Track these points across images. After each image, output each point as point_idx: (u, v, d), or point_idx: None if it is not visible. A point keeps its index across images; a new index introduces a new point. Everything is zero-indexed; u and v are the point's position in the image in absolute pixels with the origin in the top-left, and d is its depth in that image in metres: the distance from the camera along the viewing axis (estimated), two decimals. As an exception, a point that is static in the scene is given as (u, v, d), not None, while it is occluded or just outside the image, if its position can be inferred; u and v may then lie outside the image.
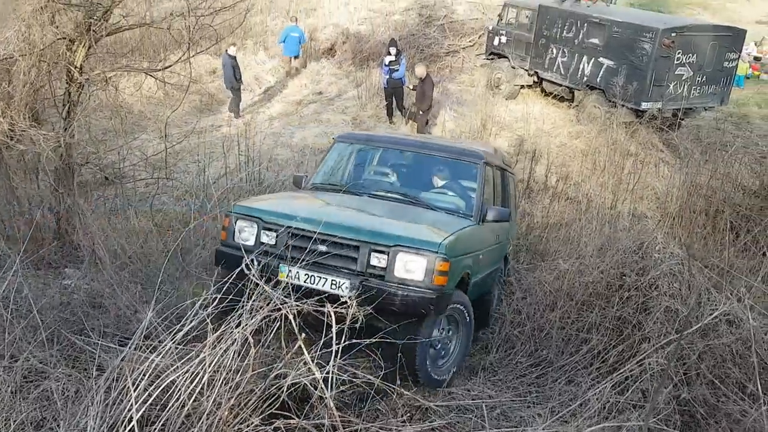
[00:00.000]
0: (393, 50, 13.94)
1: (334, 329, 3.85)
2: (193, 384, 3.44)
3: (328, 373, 3.73)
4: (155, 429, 3.36)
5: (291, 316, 3.85)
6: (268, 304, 3.83)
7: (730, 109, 15.49)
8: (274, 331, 3.86)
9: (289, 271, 4.86)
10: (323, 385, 3.67)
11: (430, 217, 5.67)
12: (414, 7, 21.76)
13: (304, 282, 4.87)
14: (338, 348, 3.80)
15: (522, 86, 16.49)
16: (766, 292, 6.35)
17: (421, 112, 12.93)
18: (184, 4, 7.30)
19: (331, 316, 3.90)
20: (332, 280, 4.85)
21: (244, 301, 3.92)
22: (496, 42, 16.67)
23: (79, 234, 6.72)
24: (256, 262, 4.22)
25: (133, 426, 3.16)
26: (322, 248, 4.87)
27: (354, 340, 4.04)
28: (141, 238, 6.94)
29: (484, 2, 21.99)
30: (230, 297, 4.07)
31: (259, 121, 14.83)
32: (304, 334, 3.82)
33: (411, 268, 4.84)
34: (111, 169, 9.15)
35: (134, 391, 3.25)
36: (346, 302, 4.10)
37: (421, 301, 4.76)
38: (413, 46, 18.82)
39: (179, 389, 3.43)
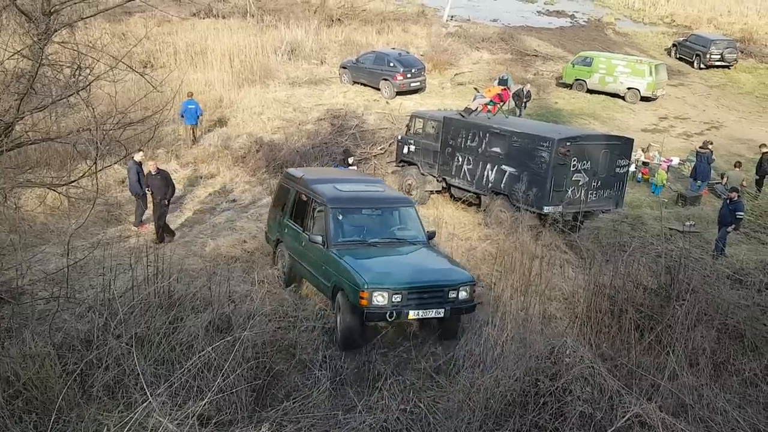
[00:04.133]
0: (351, 159, 15.64)
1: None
2: None
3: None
4: None
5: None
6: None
7: (626, 211, 16.47)
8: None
9: (415, 312, 9.22)
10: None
11: (435, 254, 10.69)
12: (326, 117, 22.48)
13: (422, 316, 9.32)
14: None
15: (432, 192, 17.05)
16: (673, 390, 6.57)
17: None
18: (90, 116, 7.22)
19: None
20: (435, 311, 9.29)
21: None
22: (405, 150, 17.31)
23: (-34, 361, 6.20)
24: (396, 313, 9.06)
25: None
26: (425, 296, 9.30)
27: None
28: (37, 363, 6.47)
29: (392, 113, 23.02)
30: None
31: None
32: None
33: (465, 294, 9.51)
34: (8, 286, 8.61)
35: None
36: (444, 317, 9.39)
37: (473, 307, 9.73)
38: (326, 154, 19.28)
39: None
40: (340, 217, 10.40)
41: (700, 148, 19.16)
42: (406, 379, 8.08)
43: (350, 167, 15.56)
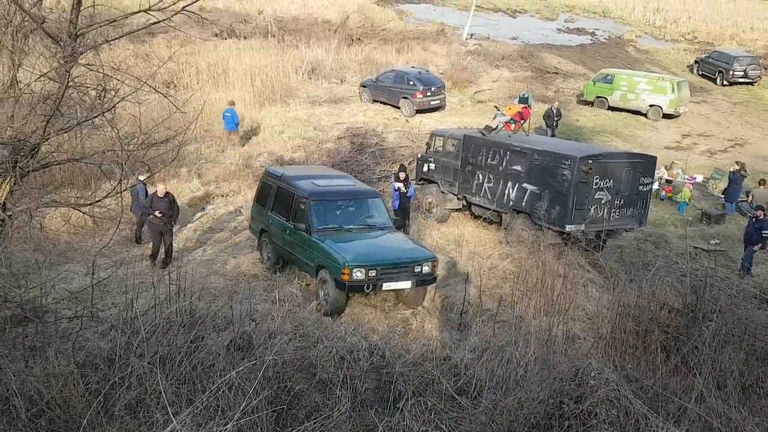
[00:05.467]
0: (402, 175, 15.93)
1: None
2: None
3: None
4: None
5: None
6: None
7: (649, 230, 16.27)
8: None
9: (388, 284, 10.99)
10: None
11: (401, 237, 12.71)
12: (346, 136, 22.58)
13: (393, 287, 11.12)
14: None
15: (452, 210, 16.99)
16: (700, 414, 6.43)
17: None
18: (115, 137, 7.30)
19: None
20: (404, 283, 11.08)
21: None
22: (425, 168, 17.30)
23: (-9, 381, 6.25)
24: (372, 285, 10.83)
25: None
26: (395, 271, 11.07)
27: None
28: (60, 381, 6.51)
29: (412, 131, 23.06)
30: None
31: (191, 248, 14.61)
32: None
33: (427, 268, 11.26)
34: (32, 305, 8.70)
35: None
36: (411, 288, 11.30)
37: (435, 279, 11.61)
38: (346, 171, 19.30)
39: None
40: (320, 208, 12.11)
41: (739, 170, 18.75)
42: (428, 400, 7.98)
43: (396, 182, 16.00)
